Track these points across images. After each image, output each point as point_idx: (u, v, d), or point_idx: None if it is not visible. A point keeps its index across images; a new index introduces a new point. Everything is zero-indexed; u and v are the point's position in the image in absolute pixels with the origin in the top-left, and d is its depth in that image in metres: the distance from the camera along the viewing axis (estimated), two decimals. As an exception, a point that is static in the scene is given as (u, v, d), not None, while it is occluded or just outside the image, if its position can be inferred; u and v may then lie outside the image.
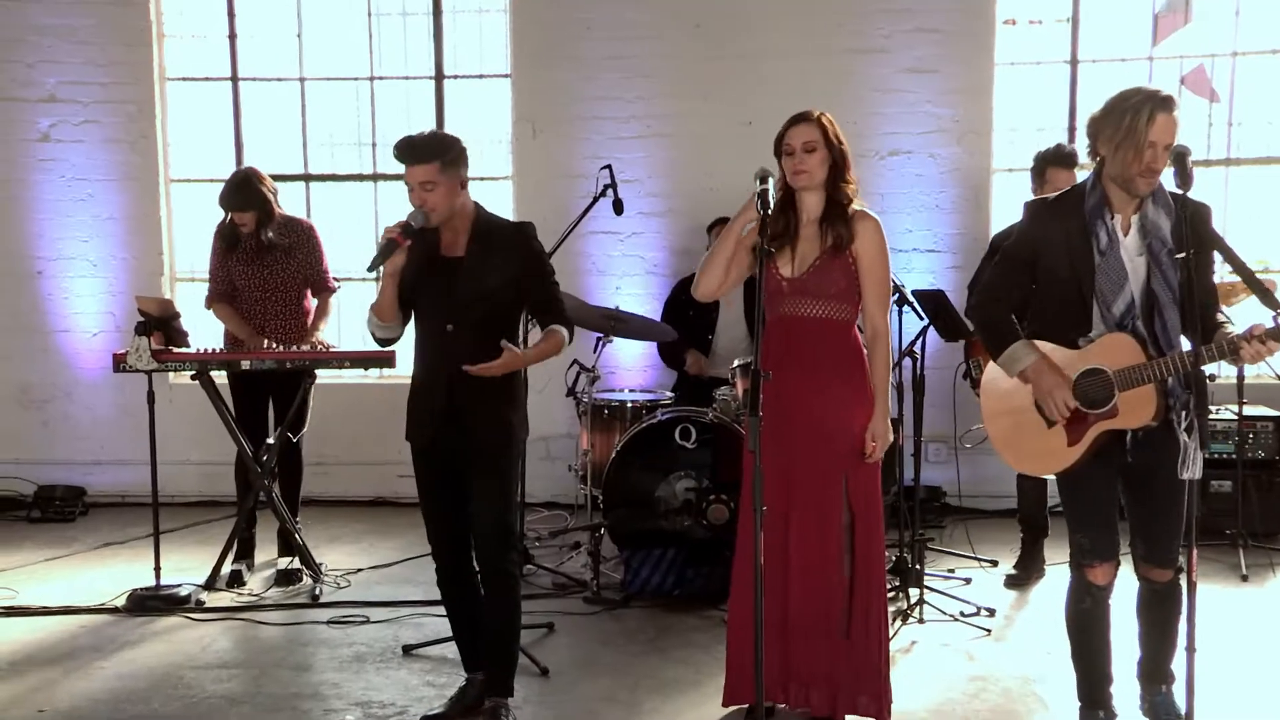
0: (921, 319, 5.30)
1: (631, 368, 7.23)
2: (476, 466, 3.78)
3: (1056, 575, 5.57)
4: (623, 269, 7.23)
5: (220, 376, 5.56)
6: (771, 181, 3.42)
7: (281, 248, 5.60)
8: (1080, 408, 3.39)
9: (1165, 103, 3.26)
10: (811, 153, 3.69)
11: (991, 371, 3.63)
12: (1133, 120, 3.25)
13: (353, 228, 7.44)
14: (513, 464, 3.86)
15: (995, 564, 5.78)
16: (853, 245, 3.69)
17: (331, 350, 5.50)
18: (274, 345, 5.45)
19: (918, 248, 7.05)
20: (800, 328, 3.71)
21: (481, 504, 3.79)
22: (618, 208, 5.83)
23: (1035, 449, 3.51)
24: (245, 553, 5.75)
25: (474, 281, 3.71)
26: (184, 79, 7.49)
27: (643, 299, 7.16)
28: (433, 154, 3.66)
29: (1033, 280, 3.50)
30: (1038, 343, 3.46)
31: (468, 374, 3.65)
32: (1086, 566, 3.50)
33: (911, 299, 5.17)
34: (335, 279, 5.85)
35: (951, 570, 5.66)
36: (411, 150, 3.66)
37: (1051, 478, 3.57)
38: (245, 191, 5.54)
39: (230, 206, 5.56)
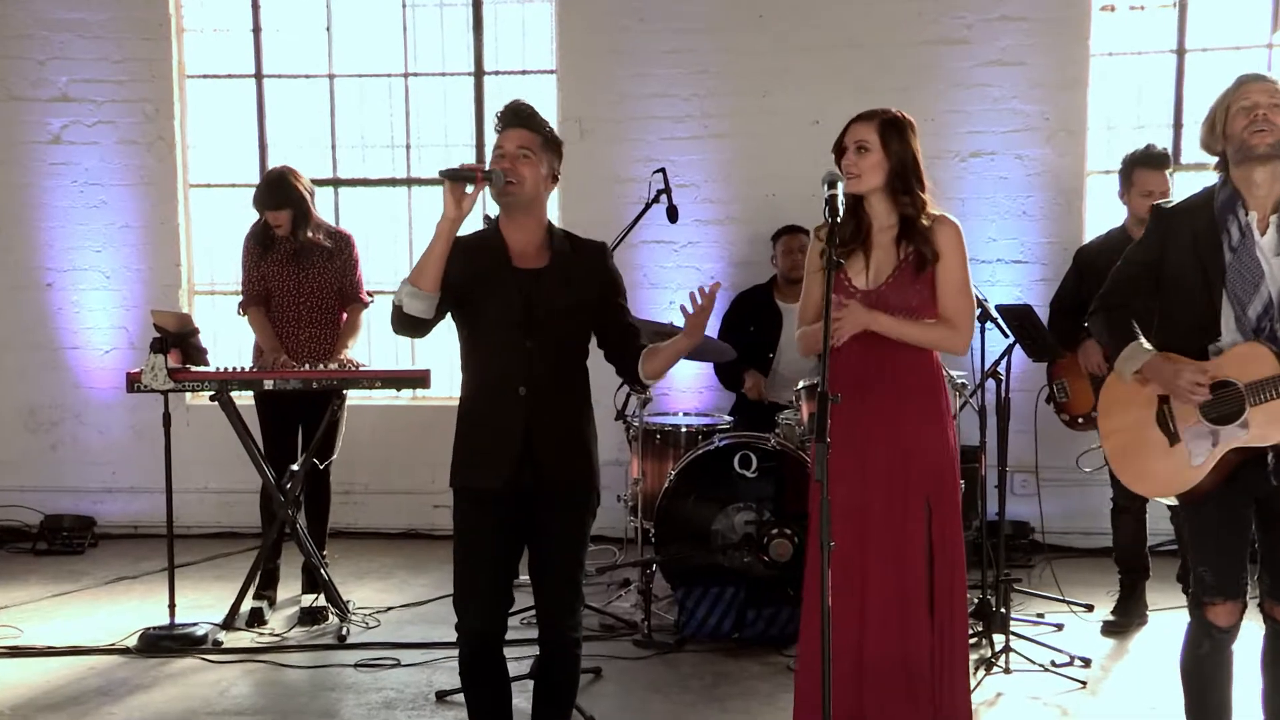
0: (1006, 336, 5.27)
1: (686, 389, 7.24)
2: (553, 514, 3.59)
3: (1160, 622, 5.51)
4: (677, 281, 7.25)
5: (245, 398, 5.65)
6: (841, 187, 3.43)
7: (319, 252, 5.71)
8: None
9: (1253, 76, 3.42)
10: (863, 153, 3.70)
11: (1110, 385, 3.64)
12: (1226, 92, 3.41)
13: (385, 237, 7.51)
14: (593, 511, 3.70)
15: (1090, 608, 5.73)
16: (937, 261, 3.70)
17: (361, 369, 5.56)
18: (300, 364, 5.51)
19: (1002, 258, 7.02)
20: (874, 345, 3.71)
21: (557, 559, 3.62)
22: (672, 215, 5.86)
23: (1155, 468, 3.49)
24: (268, 585, 5.83)
25: (560, 294, 3.55)
26: (205, 76, 7.62)
27: (699, 314, 7.17)
28: (540, 125, 3.60)
29: (1156, 285, 3.52)
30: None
31: (548, 400, 3.52)
32: (1207, 604, 3.43)
33: (995, 315, 5.15)
34: (369, 293, 5.94)
35: (1041, 615, 5.62)
36: (519, 113, 3.59)
37: (1168, 503, 3.55)
38: (280, 190, 5.65)
39: (264, 206, 5.67)
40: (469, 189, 3.40)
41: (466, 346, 3.65)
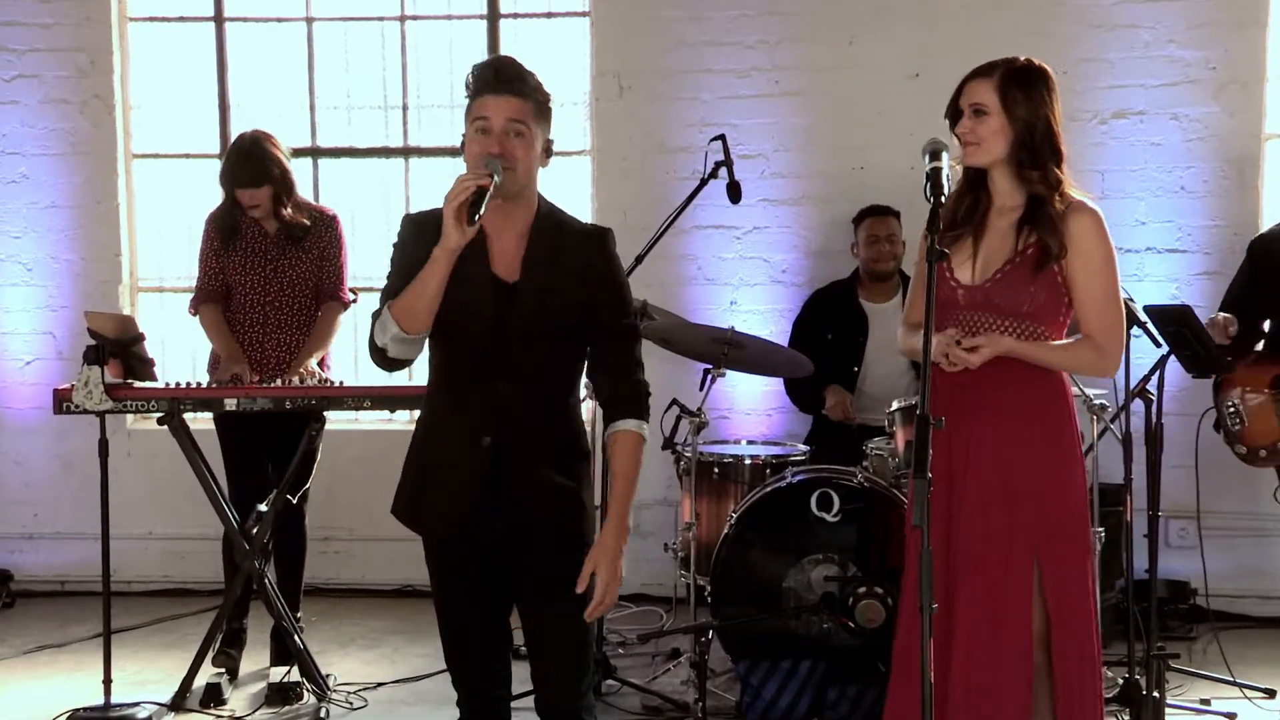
0: (1158, 346, 5.27)
1: (751, 411, 7.27)
2: (537, 569, 3.62)
3: (1361, 712, 5.49)
4: (740, 276, 7.29)
5: (201, 421, 5.69)
6: (946, 158, 3.45)
7: (295, 237, 5.78)
8: None
9: None
10: (981, 117, 3.70)
11: None
12: None
13: (376, 220, 7.57)
14: (587, 548, 3.67)
15: (1272, 694, 5.70)
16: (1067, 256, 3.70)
17: (341, 385, 5.58)
18: (268, 378, 5.55)
19: (1153, 247, 7.00)
20: (980, 356, 3.74)
21: (552, 624, 3.65)
22: (733, 193, 5.89)
23: None
24: (230, 644, 5.88)
25: (539, 318, 3.53)
26: (152, 19, 7.70)
27: (766, 316, 7.22)
28: (530, 88, 3.51)
29: None
30: None
31: (520, 448, 3.55)
32: None
33: (1144, 318, 5.14)
34: (352, 290, 6.00)
35: (1206, 701, 5.59)
36: (505, 74, 3.50)
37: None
38: (257, 161, 5.69)
39: (238, 181, 5.70)
40: (484, 209, 3.34)
41: (433, 369, 3.69)
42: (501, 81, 3.49)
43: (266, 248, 5.78)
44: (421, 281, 3.44)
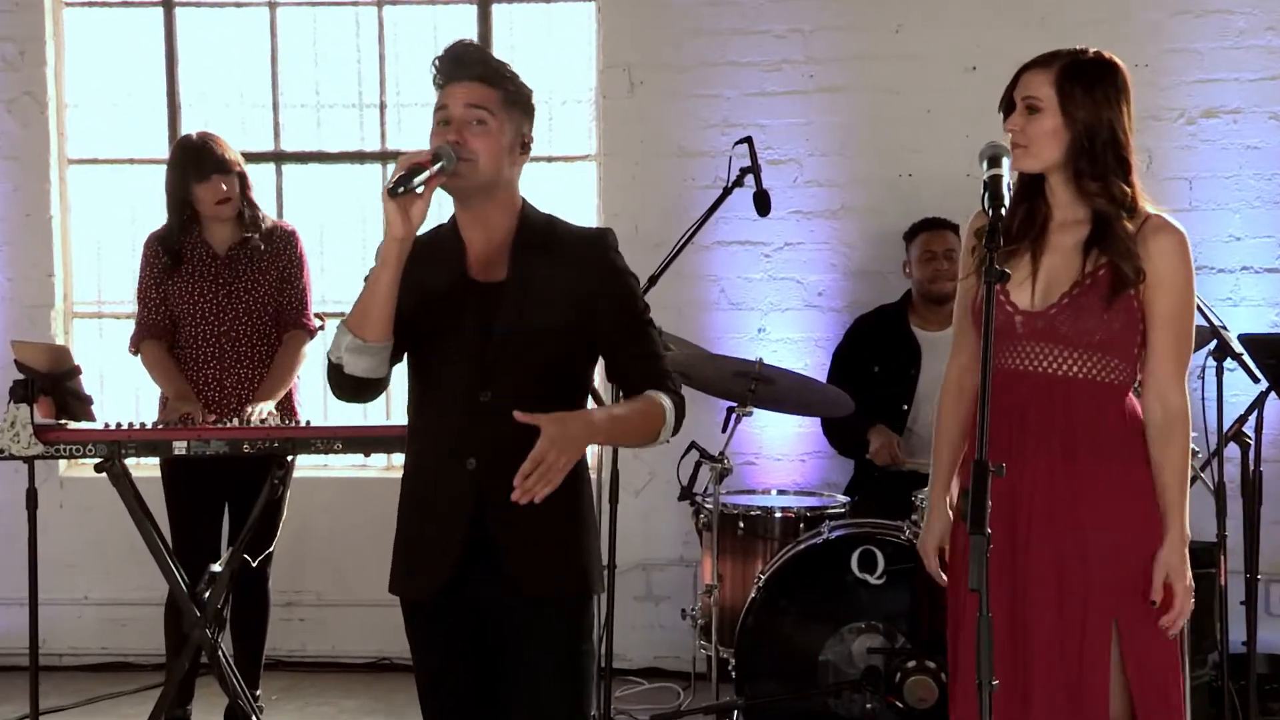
0: (1256, 381, 5.25)
1: (782, 455, 7.26)
2: (526, 639, 3.63)
3: None
4: (770, 300, 7.29)
5: (146, 467, 5.69)
6: (1007, 164, 3.44)
7: (249, 256, 5.78)
8: None
9: None
10: (1033, 115, 3.69)
11: None
12: None
13: (348, 233, 7.59)
14: (588, 632, 3.71)
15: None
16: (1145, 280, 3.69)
17: (309, 425, 5.58)
18: (224, 419, 5.56)
19: (1250, 266, 6.99)
20: (1043, 391, 3.73)
21: (536, 706, 3.64)
22: (762, 204, 5.89)
23: None
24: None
25: (526, 320, 3.56)
26: (90, 4, 7.73)
27: (800, 346, 7.22)
28: (496, 75, 3.58)
29: None
30: None
31: (510, 472, 3.45)
32: None
33: (1239, 349, 5.13)
34: (319, 315, 6.00)
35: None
36: (465, 59, 3.58)
37: None
38: (215, 153, 5.72)
39: (202, 172, 5.70)
40: (419, 188, 3.39)
41: (412, 400, 3.71)
42: (461, 67, 3.56)
43: (218, 270, 5.77)
44: (373, 280, 3.50)
